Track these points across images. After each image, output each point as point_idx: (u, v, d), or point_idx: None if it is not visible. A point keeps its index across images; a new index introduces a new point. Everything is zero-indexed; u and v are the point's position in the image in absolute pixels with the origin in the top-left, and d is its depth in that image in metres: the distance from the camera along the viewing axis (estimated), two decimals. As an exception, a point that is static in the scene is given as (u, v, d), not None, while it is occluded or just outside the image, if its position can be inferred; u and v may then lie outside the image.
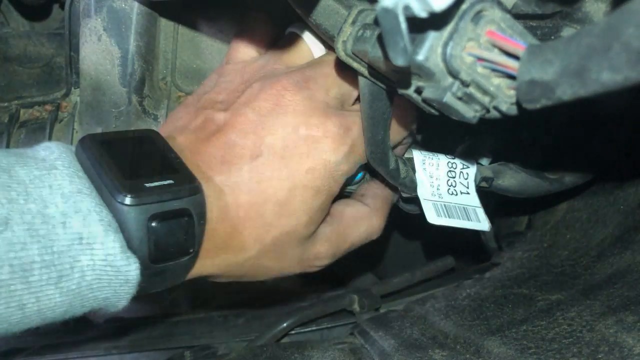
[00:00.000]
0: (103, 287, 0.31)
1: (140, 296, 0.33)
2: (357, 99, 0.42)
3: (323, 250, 0.43)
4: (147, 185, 0.33)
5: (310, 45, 0.44)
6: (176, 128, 0.41)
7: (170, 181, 0.34)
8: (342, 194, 0.49)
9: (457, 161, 0.45)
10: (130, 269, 0.31)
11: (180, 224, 0.33)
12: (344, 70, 0.41)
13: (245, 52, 0.45)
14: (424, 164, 0.44)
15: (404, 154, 0.47)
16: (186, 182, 0.34)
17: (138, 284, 0.32)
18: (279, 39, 0.46)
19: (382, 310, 0.58)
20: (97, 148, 0.34)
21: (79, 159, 0.34)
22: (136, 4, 0.46)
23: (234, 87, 0.42)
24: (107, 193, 0.32)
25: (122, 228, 0.31)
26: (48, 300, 0.29)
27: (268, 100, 0.39)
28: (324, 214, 0.41)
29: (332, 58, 0.42)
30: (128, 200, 0.31)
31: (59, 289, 0.29)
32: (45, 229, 0.29)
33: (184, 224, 0.33)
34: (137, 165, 0.34)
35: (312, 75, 0.41)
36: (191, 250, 0.35)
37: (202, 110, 0.41)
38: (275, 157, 0.38)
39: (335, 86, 0.41)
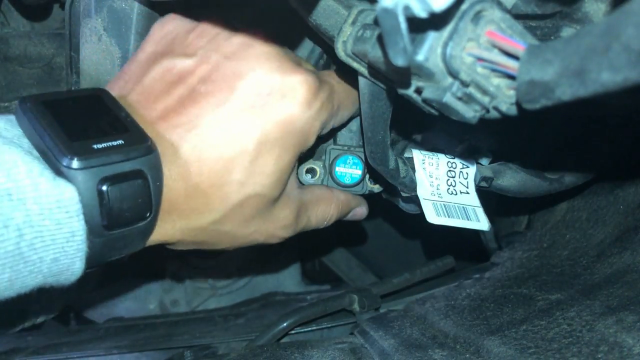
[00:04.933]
0: (47, 246, 0.28)
1: (140, 296, 0.33)
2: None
3: (291, 217, 0.39)
4: (95, 146, 0.30)
5: None
6: (127, 83, 0.37)
7: (121, 141, 0.31)
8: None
9: (457, 161, 0.45)
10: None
11: (133, 187, 0.31)
12: None
13: None
14: (423, 163, 0.44)
15: (404, 153, 0.47)
16: (138, 141, 0.32)
17: (88, 240, 0.29)
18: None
19: (382, 310, 0.58)
20: (39, 110, 0.31)
21: (19, 123, 0.31)
22: (136, 4, 0.46)
23: (198, 32, 0.37)
24: (52, 158, 0.29)
25: None
26: None
27: (239, 43, 0.35)
28: (289, 176, 0.38)
29: None
30: (75, 163, 0.29)
31: None
32: None
33: (138, 186, 0.31)
34: (84, 126, 0.31)
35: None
36: (148, 215, 0.32)
37: (159, 61, 0.36)
38: (246, 106, 0.34)
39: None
